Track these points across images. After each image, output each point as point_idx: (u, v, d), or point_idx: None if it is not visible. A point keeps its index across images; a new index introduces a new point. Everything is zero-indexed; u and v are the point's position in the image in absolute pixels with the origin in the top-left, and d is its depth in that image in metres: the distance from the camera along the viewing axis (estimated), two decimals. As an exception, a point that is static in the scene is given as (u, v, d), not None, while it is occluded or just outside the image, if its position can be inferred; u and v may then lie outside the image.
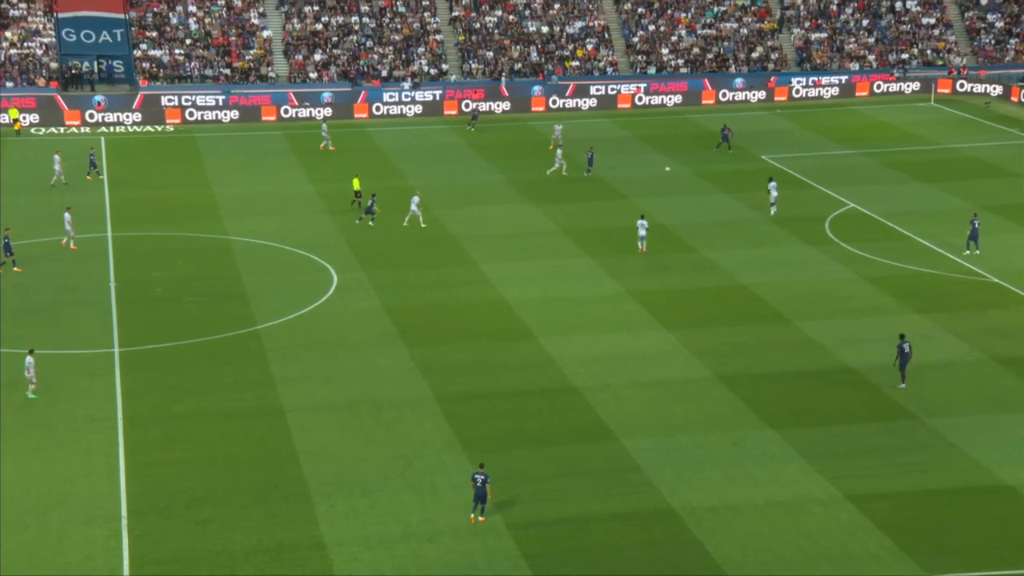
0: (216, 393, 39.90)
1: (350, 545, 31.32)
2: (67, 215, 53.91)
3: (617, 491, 33.91)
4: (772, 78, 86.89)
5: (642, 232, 53.04)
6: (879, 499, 33.38)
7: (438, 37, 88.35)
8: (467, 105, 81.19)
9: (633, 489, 34.02)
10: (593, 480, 34.46)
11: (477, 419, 38.22)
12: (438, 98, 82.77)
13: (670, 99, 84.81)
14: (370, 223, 56.97)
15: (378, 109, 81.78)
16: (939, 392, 39.79)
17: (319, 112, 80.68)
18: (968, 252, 52.30)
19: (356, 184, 60.17)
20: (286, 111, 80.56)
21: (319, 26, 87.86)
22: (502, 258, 52.89)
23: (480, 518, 32.32)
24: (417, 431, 37.41)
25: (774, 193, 58.49)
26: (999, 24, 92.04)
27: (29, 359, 39.11)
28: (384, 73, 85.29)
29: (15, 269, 50.13)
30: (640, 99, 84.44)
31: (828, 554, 30.93)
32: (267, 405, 39.09)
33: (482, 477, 32.18)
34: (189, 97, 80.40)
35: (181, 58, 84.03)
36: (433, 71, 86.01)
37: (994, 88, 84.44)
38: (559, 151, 66.72)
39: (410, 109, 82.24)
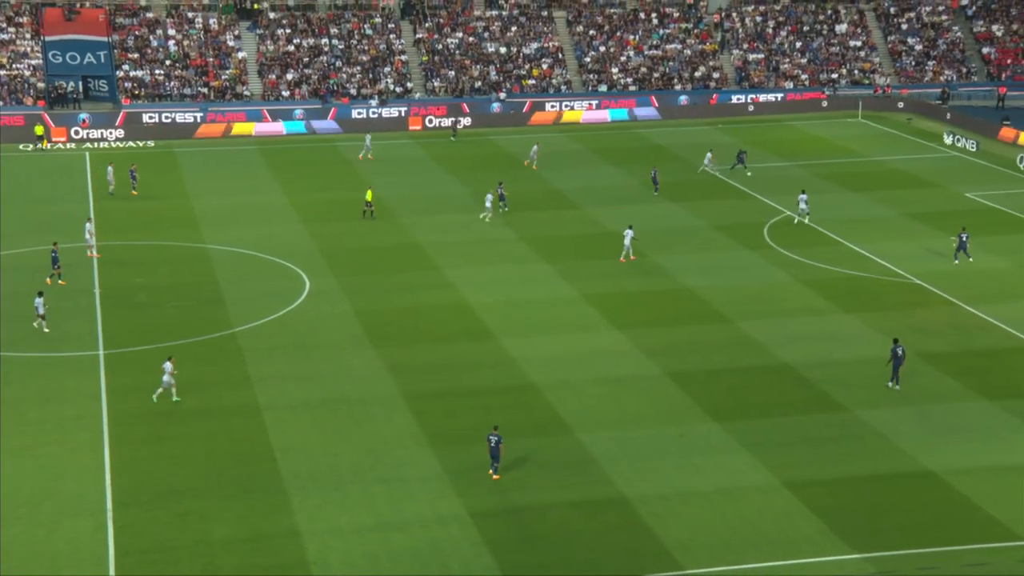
0: (196, 392, 39.50)
1: (323, 534, 31.12)
2: (88, 225, 53.44)
3: (574, 481, 33.91)
4: (714, 95, 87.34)
5: (627, 241, 52.69)
6: (814, 486, 33.56)
7: (403, 57, 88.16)
8: (430, 121, 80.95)
9: (589, 479, 34.03)
10: (552, 471, 34.44)
11: (443, 415, 38.10)
12: (403, 114, 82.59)
13: (620, 115, 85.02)
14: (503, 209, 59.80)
15: (347, 125, 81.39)
16: (869, 386, 40.02)
17: (290, 128, 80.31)
18: (957, 262, 52.12)
19: (369, 196, 60.19)
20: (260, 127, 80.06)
21: (291, 48, 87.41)
22: (465, 264, 52.79)
23: (494, 476, 33.41)
24: (386, 427, 37.25)
25: (803, 206, 58.24)
26: (918, 47, 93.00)
27: (167, 364, 38.66)
28: (352, 91, 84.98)
29: (60, 282, 49.04)
30: (592, 115, 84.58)
31: (768, 538, 31.06)
32: (244, 403, 38.77)
33: (495, 438, 33.26)
34: (169, 114, 79.72)
35: (161, 78, 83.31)
36: (399, 89, 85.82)
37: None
38: (708, 155, 68.34)
39: (377, 125, 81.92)
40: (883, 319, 45.90)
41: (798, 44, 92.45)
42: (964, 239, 52.28)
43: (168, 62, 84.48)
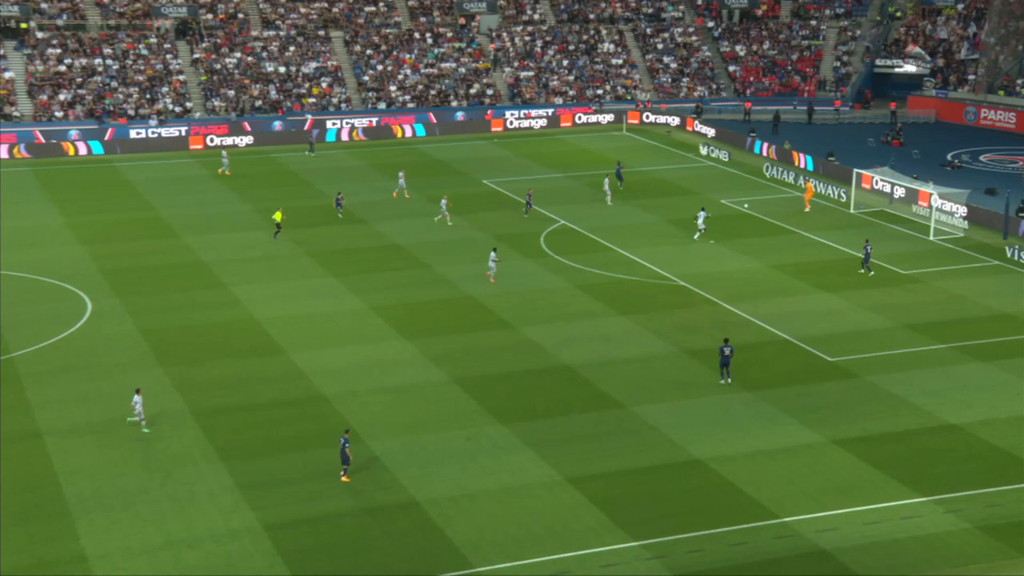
0: (-28, 421, 37.09)
1: (112, 556, 29.75)
2: None
3: (366, 488, 33.62)
4: (489, 111, 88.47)
5: (491, 263, 51.74)
6: (594, 479, 34.35)
7: (181, 77, 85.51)
8: (211, 140, 78.80)
9: (380, 485, 33.80)
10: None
11: (232, 430, 37.08)
12: (184, 134, 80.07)
13: (400, 131, 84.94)
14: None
15: (125, 145, 78.25)
16: (641, 383, 41.27)
17: (66, 148, 76.54)
18: (863, 271, 52.88)
19: (278, 216, 57.97)
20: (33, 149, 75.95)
21: (62, 67, 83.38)
22: (251, 280, 51.58)
23: (344, 477, 33.89)
24: (175, 445, 35.95)
25: (700, 222, 58.68)
26: (673, 65, 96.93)
27: (137, 397, 36.36)
28: (130, 111, 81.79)
29: None
30: (372, 132, 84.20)
31: (553, 531, 31.59)
32: (24, 429, 36.63)
33: (342, 440, 33.77)
34: (-66, 135, 74.72)
35: (-76, 97, 77.98)
36: (178, 109, 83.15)
37: (673, 119, 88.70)
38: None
39: (157, 144, 79.11)
40: (652, 320, 47.48)
41: (565, 62, 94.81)
42: (868, 250, 53.46)
43: (-69, 82, 79.20)
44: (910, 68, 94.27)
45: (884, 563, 30.36)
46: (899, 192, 65.27)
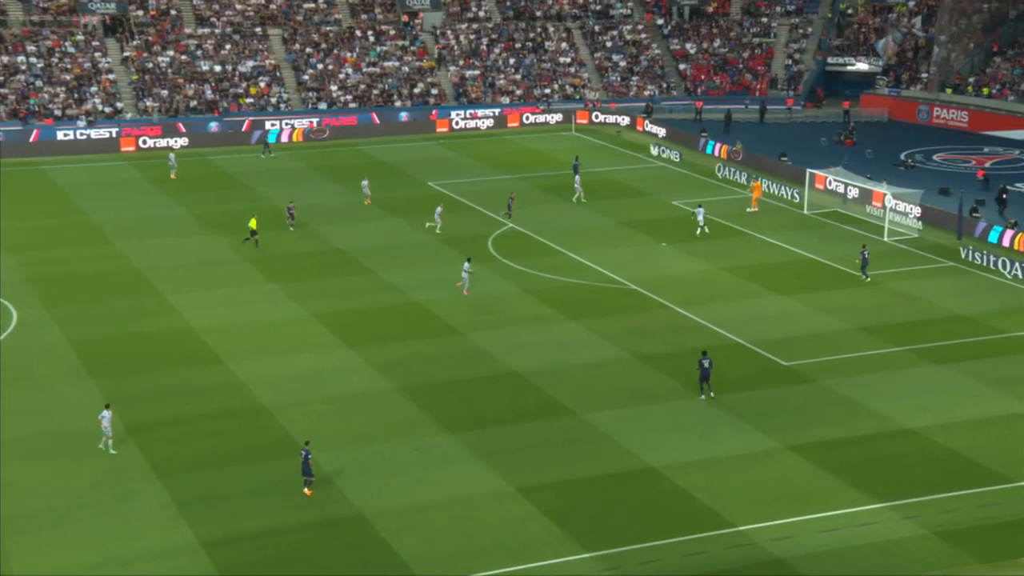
0: None
1: (44, 579, 29.31)
2: None
3: (310, 501, 33.39)
4: (433, 111, 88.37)
5: (464, 275, 51.11)
6: (545, 489, 34.38)
7: (111, 76, 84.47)
8: (144, 141, 77.92)
9: (325, 499, 33.59)
10: (286, 493, 33.78)
11: (169, 444, 36.66)
12: (115, 135, 79.08)
13: (342, 132, 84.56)
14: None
15: (52, 147, 77.13)
16: (593, 389, 41.40)
17: (-8, 150, 75.46)
18: (868, 278, 52.77)
19: (253, 223, 56.92)
20: (-44, 150, 74.74)
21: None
22: (188, 288, 51.06)
23: (306, 490, 33.43)
24: (108, 460, 35.47)
25: (700, 218, 59.21)
26: (623, 63, 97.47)
27: (106, 412, 35.35)
28: (57, 112, 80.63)
29: None
30: (313, 133, 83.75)
31: (503, 543, 31.58)
32: (-52, 446, 35.98)
33: (304, 452, 33.32)
34: None
35: None
36: (108, 109, 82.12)
37: (623, 119, 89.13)
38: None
39: (86, 147, 78.05)
40: (605, 324, 47.64)
41: (511, 61, 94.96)
42: (865, 256, 53.46)
43: None
44: (862, 66, 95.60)
45: (841, 571, 30.70)
46: (853, 192, 66.10)
